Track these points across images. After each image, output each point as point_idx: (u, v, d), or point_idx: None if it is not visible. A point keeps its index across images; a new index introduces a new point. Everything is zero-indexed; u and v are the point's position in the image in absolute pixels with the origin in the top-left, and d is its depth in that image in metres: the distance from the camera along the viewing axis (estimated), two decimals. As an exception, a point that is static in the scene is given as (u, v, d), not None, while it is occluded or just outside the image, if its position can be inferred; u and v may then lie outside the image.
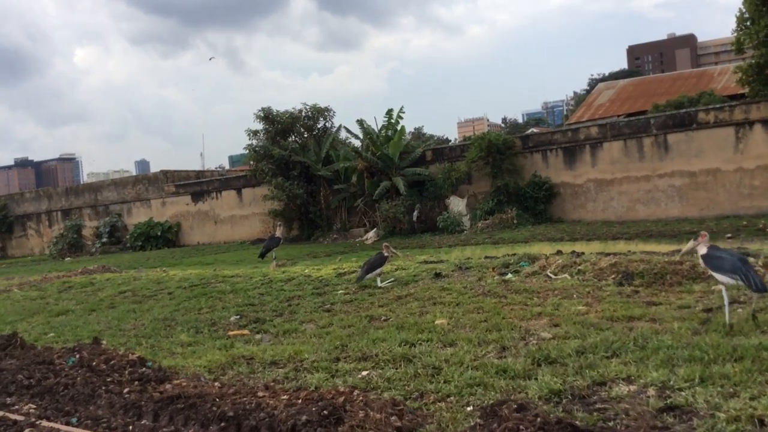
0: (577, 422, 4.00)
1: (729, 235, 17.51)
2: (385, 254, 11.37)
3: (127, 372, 6.14)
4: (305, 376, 6.22)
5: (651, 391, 4.83)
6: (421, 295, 9.94)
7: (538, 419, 3.81)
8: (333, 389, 5.11)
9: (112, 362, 6.53)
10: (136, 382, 5.88)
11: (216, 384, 5.79)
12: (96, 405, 5.39)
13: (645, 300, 8.15)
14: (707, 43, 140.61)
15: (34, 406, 5.81)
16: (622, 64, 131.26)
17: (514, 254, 12.10)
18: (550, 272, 10.27)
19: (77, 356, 6.92)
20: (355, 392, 4.92)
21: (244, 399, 4.93)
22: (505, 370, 5.66)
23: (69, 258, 33.06)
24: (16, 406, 5.95)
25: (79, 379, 5.88)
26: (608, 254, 10.66)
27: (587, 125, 26.89)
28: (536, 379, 5.35)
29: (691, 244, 7.41)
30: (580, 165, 25.02)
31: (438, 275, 11.40)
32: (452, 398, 5.16)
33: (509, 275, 10.60)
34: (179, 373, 6.60)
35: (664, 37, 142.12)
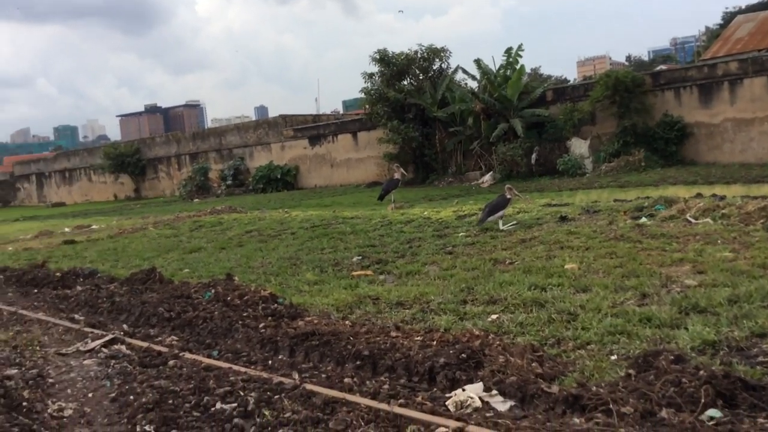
0: (747, 378, 3.62)
1: None
2: (508, 196, 11.03)
3: (260, 307, 6.31)
4: (433, 318, 6.13)
5: (824, 346, 4.34)
6: (546, 238, 9.57)
7: (701, 372, 3.48)
8: (467, 332, 4.97)
9: (246, 297, 6.73)
10: (270, 318, 6.02)
11: (347, 322, 5.81)
12: (234, 339, 5.57)
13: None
14: None
15: (176, 338, 6.09)
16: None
17: (648, 197, 11.38)
18: (690, 216, 9.56)
19: (212, 291, 7.19)
20: (491, 336, 4.76)
21: (377, 338, 4.89)
22: (650, 318, 5.29)
23: (197, 199, 34.81)
24: (159, 338, 6.27)
25: (216, 313, 6.10)
26: (755, 197, 9.77)
27: (726, 60, 24.70)
28: (686, 328, 4.95)
29: None
30: (717, 103, 23.10)
31: (563, 218, 10.94)
32: (593, 346, 4.88)
33: (643, 219, 9.98)
34: (309, 311, 6.70)
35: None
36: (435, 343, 4.61)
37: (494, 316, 5.98)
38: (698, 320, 5.12)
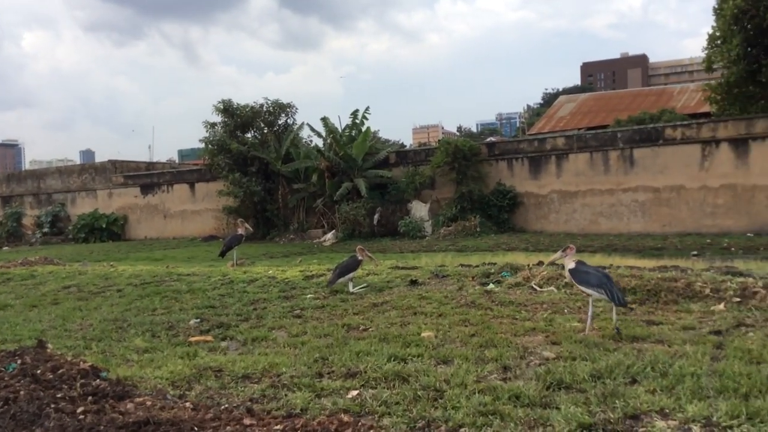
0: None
1: (694, 252, 17.39)
2: (359, 257, 10.68)
3: (78, 384, 5.26)
4: (286, 395, 5.46)
5: (696, 429, 4.26)
6: (398, 303, 9.29)
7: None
8: (334, 418, 4.38)
9: (60, 371, 5.64)
10: (90, 398, 5.01)
11: (187, 404, 4.97)
12: (44, 428, 4.50)
13: (643, 318, 7.68)
14: (658, 64, 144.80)
15: (-36, 425, 4.88)
16: (576, 80, 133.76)
17: (493, 263, 11.54)
18: (535, 284, 9.74)
19: (19, 362, 5.99)
20: (361, 422, 4.21)
21: (228, 428, 4.15)
22: (518, 396, 5.03)
23: (7, 247, 31.25)
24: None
25: (22, 392, 4.96)
26: (595, 268, 10.18)
27: (554, 136, 26.73)
28: (557, 408, 4.73)
29: (558, 254, 7.78)
30: (544, 175, 24.79)
31: (414, 282, 10.76)
32: (466, 430, 4.49)
33: (491, 285, 10.03)
34: (138, 386, 5.74)
35: (617, 56, 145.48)
36: (298, 432, 3.97)
37: (354, 393, 5.44)
38: (567, 398, 4.94)
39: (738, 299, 8.08)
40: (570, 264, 7.36)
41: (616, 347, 6.36)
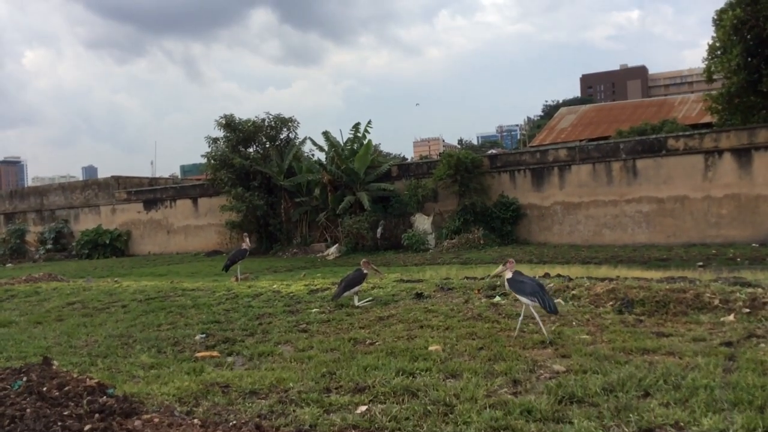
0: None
1: (700, 263, 17.34)
2: (364, 271, 10.62)
3: (85, 402, 5.20)
4: (294, 411, 5.40)
5: (713, 443, 4.21)
6: (404, 317, 9.22)
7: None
8: (344, 434, 4.32)
9: (67, 388, 5.57)
10: (97, 415, 4.96)
11: (196, 422, 4.91)
12: (51, 447, 4.45)
13: (652, 330, 7.60)
14: (657, 75, 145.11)
15: (-30, 444, 4.83)
16: (575, 92, 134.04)
17: (499, 276, 11.46)
18: (542, 296, 9.66)
19: (24, 379, 5.93)
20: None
21: (239, 445, 4.10)
22: (530, 410, 4.97)
23: (10, 264, 31.23)
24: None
25: (28, 410, 4.91)
26: (603, 279, 10.13)
27: (556, 147, 26.74)
28: (570, 423, 4.67)
29: (500, 268, 8.33)
30: (547, 187, 24.77)
31: (419, 295, 10.70)
32: (479, 445, 4.44)
33: (497, 298, 9.97)
34: (145, 403, 5.69)
35: (616, 67, 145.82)
36: (309, 449, 3.92)
37: (363, 408, 5.38)
38: (580, 413, 4.88)
39: (747, 310, 8.02)
40: (508, 274, 7.87)
41: (627, 360, 6.30)
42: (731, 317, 7.83)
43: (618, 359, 6.33)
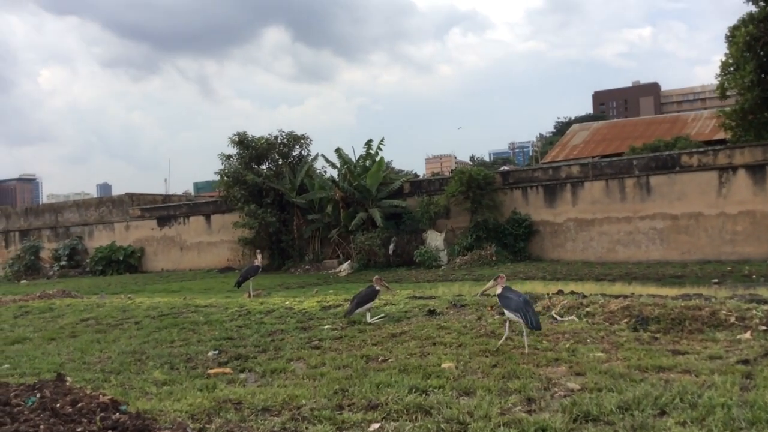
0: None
1: (715, 280, 17.17)
2: (377, 287, 10.62)
3: (98, 418, 5.22)
4: (307, 428, 5.39)
5: (731, 462, 4.15)
6: (417, 333, 9.19)
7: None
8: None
9: (80, 405, 5.59)
10: (110, 432, 4.98)
11: (209, 438, 4.91)
12: (65, 463, 4.45)
13: (668, 348, 7.52)
14: (670, 92, 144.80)
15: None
16: (587, 109, 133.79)
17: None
18: (556, 313, 9.62)
19: (38, 395, 5.96)
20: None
21: (252, 462, 4.08)
22: (544, 429, 4.92)
23: (25, 281, 31.46)
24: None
25: (42, 427, 4.93)
26: (617, 296, 10.06)
27: (569, 164, 26.69)
28: (586, 441, 4.62)
29: (490, 283, 8.67)
30: (560, 203, 24.70)
31: (432, 312, 10.67)
32: (493, 463, 4.39)
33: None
34: (158, 420, 5.69)
35: (628, 84, 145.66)
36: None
37: (376, 425, 5.36)
38: (595, 431, 4.82)
39: (764, 327, 7.93)
40: (498, 290, 8.16)
41: (642, 378, 6.24)
42: (747, 335, 7.74)
43: (633, 377, 6.26)
